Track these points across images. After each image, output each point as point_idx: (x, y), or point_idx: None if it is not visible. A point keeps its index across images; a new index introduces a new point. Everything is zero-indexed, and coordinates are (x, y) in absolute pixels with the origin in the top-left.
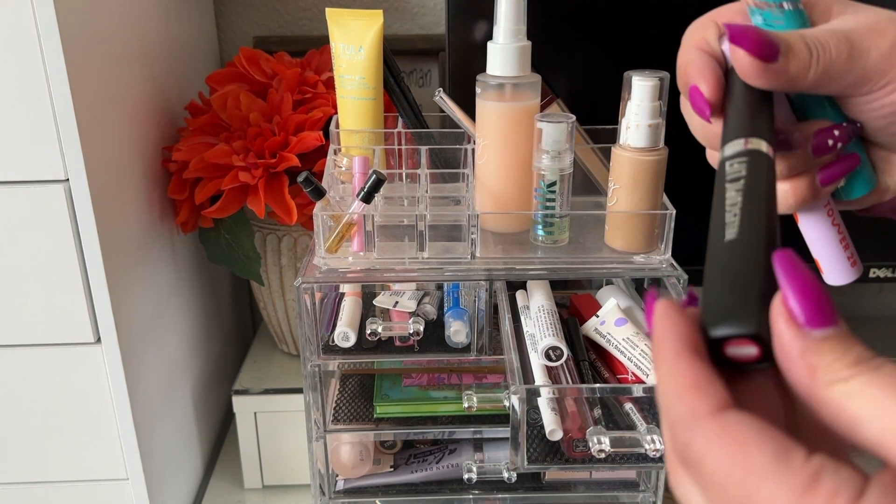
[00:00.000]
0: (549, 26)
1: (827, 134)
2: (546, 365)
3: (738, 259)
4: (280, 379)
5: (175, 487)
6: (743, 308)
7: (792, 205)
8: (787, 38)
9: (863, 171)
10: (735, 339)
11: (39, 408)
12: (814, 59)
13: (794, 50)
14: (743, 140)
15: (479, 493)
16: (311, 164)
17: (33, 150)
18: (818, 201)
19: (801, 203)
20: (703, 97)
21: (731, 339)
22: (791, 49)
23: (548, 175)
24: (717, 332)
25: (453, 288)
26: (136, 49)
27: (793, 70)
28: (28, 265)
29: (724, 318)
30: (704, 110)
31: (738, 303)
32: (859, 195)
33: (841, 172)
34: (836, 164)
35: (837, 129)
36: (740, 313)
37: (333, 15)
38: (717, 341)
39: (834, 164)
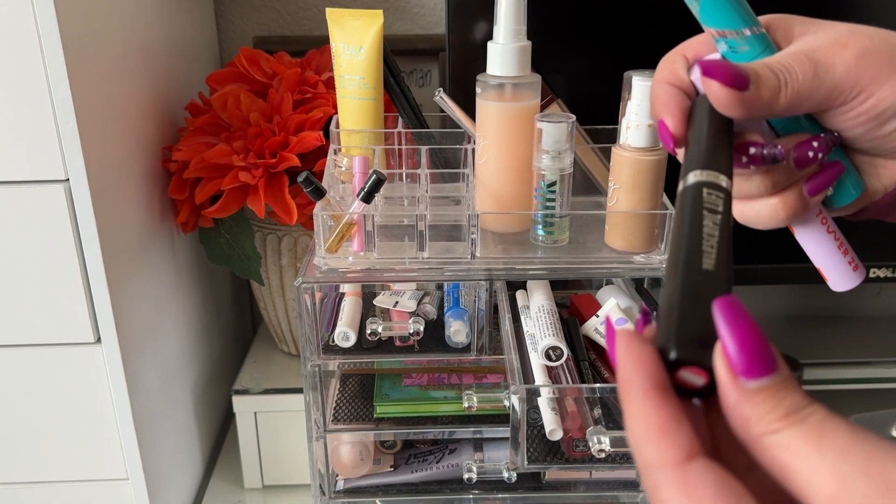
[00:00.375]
0: (549, 26)
1: (807, 146)
2: (546, 365)
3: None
4: (280, 379)
5: (175, 487)
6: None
7: (784, 218)
8: (754, 66)
9: (849, 177)
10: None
11: (39, 408)
12: (782, 84)
13: (762, 77)
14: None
15: (479, 492)
16: (311, 164)
17: (33, 150)
18: (809, 212)
19: (792, 215)
20: (668, 130)
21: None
22: (759, 77)
23: (548, 175)
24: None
25: (453, 288)
26: (137, 49)
27: (765, 96)
28: (28, 265)
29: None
30: (668, 142)
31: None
32: (849, 201)
33: (827, 181)
34: (821, 174)
35: (816, 140)
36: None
37: (333, 15)
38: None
39: (819, 175)
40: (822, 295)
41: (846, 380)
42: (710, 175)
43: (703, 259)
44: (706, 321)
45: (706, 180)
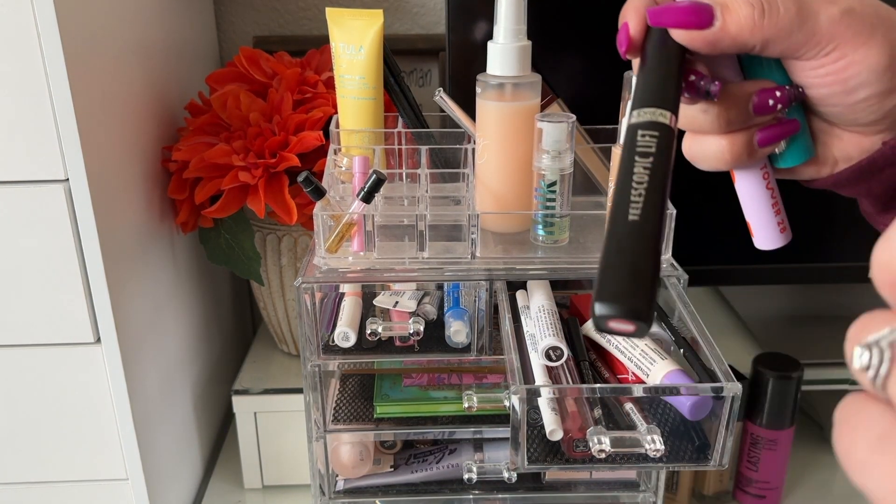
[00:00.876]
0: (549, 26)
1: (769, 94)
2: (546, 365)
3: (636, 242)
4: (280, 379)
5: (175, 487)
6: (635, 295)
7: (728, 160)
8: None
9: (801, 138)
10: (617, 319)
11: (39, 408)
12: (757, 14)
13: (730, 8)
14: (654, 110)
15: (479, 493)
16: (311, 163)
17: (33, 150)
18: (754, 161)
19: (736, 160)
20: (627, 34)
21: (613, 319)
22: (727, 8)
23: (548, 175)
24: (606, 311)
25: (453, 288)
26: (137, 49)
27: (733, 29)
28: (28, 265)
29: (617, 299)
30: (622, 46)
31: (630, 288)
32: (795, 163)
33: (779, 135)
34: (776, 126)
35: (780, 90)
36: (633, 299)
37: (333, 15)
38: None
39: (773, 127)
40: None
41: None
42: (648, 113)
43: (630, 210)
44: (631, 277)
45: (643, 120)
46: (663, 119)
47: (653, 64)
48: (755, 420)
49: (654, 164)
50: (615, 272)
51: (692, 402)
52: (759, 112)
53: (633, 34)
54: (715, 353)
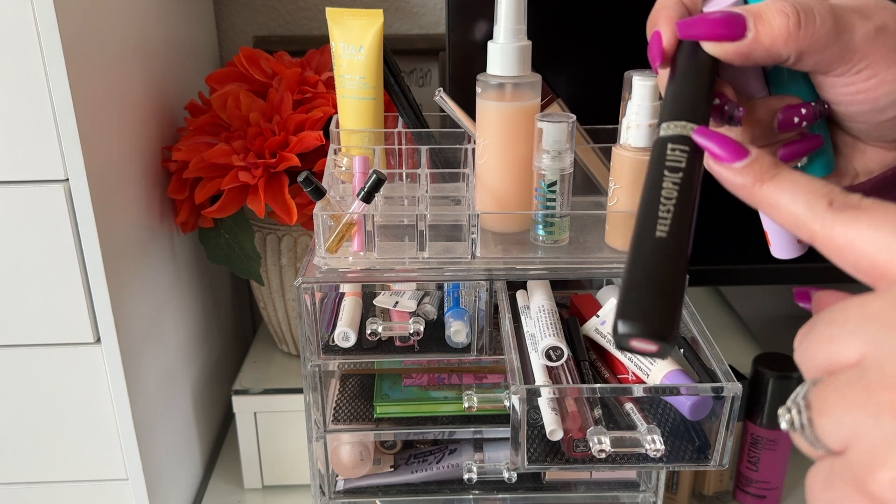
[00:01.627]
0: (549, 26)
1: (794, 111)
2: (546, 365)
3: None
4: (280, 379)
5: (175, 487)
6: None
7: None
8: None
9: (824, 153)
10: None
11: (39, 408)
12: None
13: (764, 19)
14: (685, 123)
15: (479, 493)
16: (311, 163)
17: (33, 150)
18: None
19: None
20: (660, 44)
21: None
22: (761, 19)
23: (548, 175)
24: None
25: (453, 288)
26: (136, 49)
27: (767, 40)
28: (28, 265)
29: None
30: (656, 59)
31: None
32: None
33: (803, 151)
34: (800, 142)
35: (805, 107)
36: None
37: (333, 14)
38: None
39: (797, 142)
40: None
41: None
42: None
43: (658, 226)
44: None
45: (673, 134)
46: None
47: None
48: (755, 420)
49: (683, 179)
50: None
51: (692, 402)
52: (784, 129)
53: (666, 46)
54: (715, 353)
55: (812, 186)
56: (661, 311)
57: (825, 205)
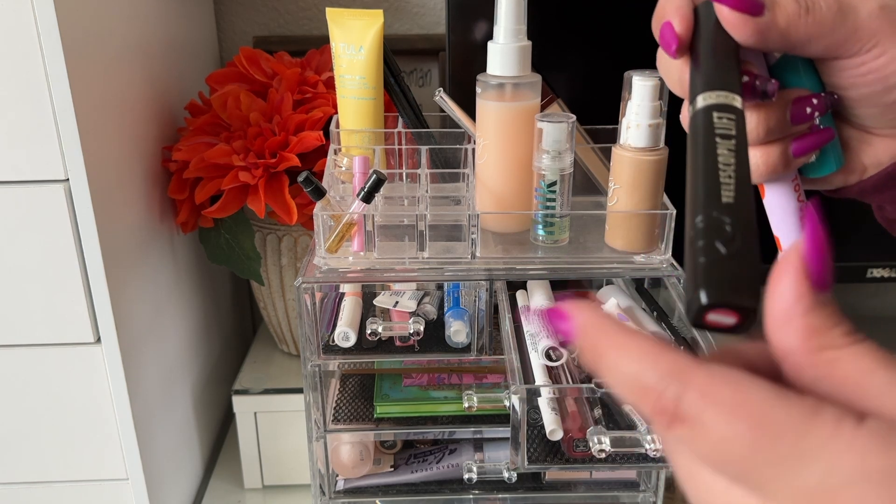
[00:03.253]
0: (549, 26)
1: (806, 102)
2: (546, 365)
3: (736, 225)
4: (280, 379)
5: (175, 487)
6: (744, 280)
7: (763, 173)
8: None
9: (834, 148)
10: (723, 308)
11: (39, 408)
12: (802, 10)
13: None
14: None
15: (479, 493)
16: (311, 163)
17: (33, 150)
18: (788, 172)
19: (771, 172)
20: (673, 32)
21: (720, 308)
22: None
23: (548, 175)
24: (713, 299)
25: (453, 288)
26: (136, 49)
27: (781, 22)
28: (28, 265)
29: (725, 285)
30: (671, 45)
31: (739, 275)
32: (827, 172)
33: (815, 144)
34: (811, 135)
35: (816, 98)
36: (742, 285)
37: (333, 15)
38: (707, 306)
39: (808, 136)
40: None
41: None
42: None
43: (723, 192)
44: (735, 260)
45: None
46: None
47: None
48: None
49: (737, 145)
50: (717, 255)
51: None
52: (797, 121)
53: (680, 32)
54: None
55: None
56: (745, 276)
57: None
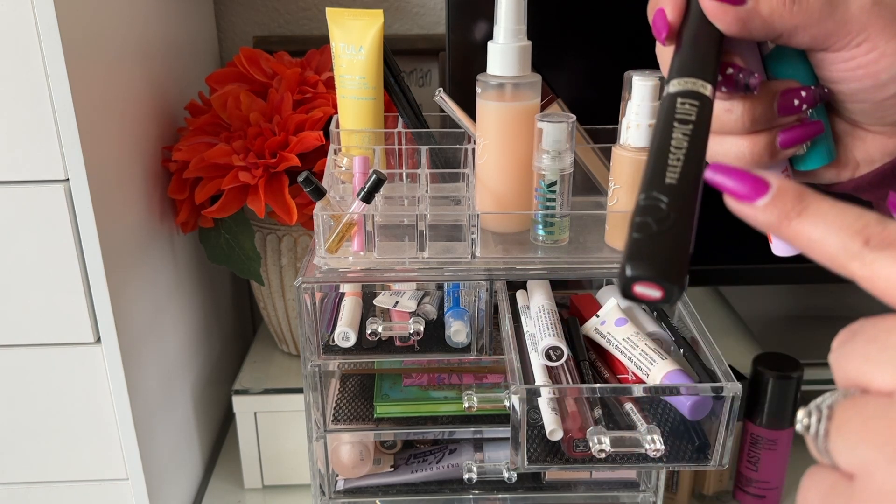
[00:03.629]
0: (549, 26)
1: (794, 94)
2: (546, 365)
3: (673, 204)
4: (280, 379)
5: (175, 487)
6: (668, 257)
7: (749, 161)
8: None
9: (824, 141)
10: (646, 282)
11: (39, 408)
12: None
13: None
14: (695, 80)
15: (479, 493)
16: (311, 163)
17: (33, 150)
18: (774, 163)
19: (757, 162)
20: (665, 20)
21: (643, 281)
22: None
23: (548, 175)
24: (636, 272)
25: (453, 288)
26: (136, 49)
27: (764, 11)
28: (28, 265)
29: (649, 260)
30: (662, 32)
31: (664, 250)
32: (817, 166)
33: (803, 136)
34: (799, 128)
35: (805, 90)
36: (666, 261)
37: (333, 15)
38: (630, 279)
39: (796, 128)
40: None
41: None
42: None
43: (668, 173)
44: (661, 237)
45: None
46: (704, 91)
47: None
48: (755, 420)
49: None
50: (647, 232)
51: (692, 402)
52: (784, 112)
53: (671, 19)
54: (715, 353)
55: (845, 220)
56: (670, 254)
57: (861, 243)
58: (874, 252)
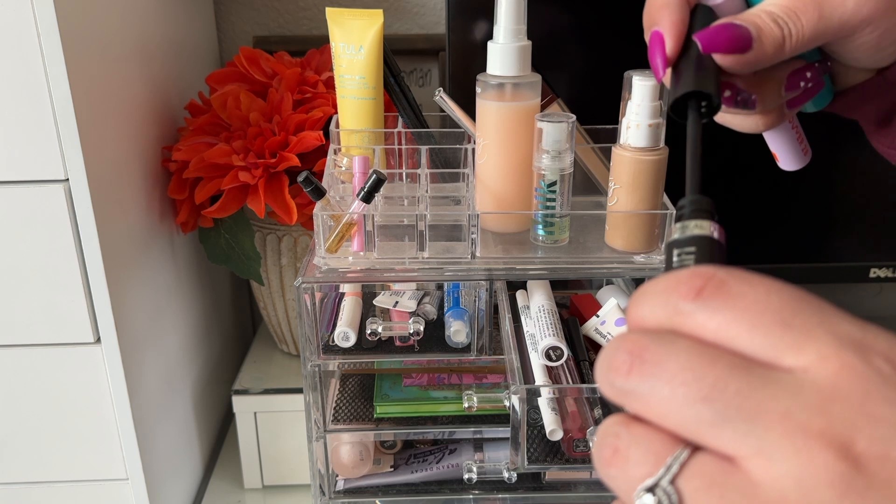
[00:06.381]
0: (549, 26)
1: (800, 76)
2: (546, 365)
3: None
4: (280, 379)
5: (175, 487)
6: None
7: (762, 129)
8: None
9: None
10: None
11: (39, 408)
12: (786, 35)
13: (764, 33)
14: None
15: (479, 493)
16: (311, 163)
17: (33, 150)
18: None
19: (767, 126)
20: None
21: None
22: (762, 32)
23: (548, 175)
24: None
25: (453, 288)
26: (136, 49)
27: (769, 51)
28: (28, 265)
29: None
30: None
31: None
32: (820, 107)
33: (806, 99)
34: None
35: (810, 70)
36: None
37: (333, 14)
38: None
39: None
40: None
41: None
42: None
43: None
44: None
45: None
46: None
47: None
48: None
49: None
50: None
51: None
52: (791, 91)
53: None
54: None
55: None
56: None
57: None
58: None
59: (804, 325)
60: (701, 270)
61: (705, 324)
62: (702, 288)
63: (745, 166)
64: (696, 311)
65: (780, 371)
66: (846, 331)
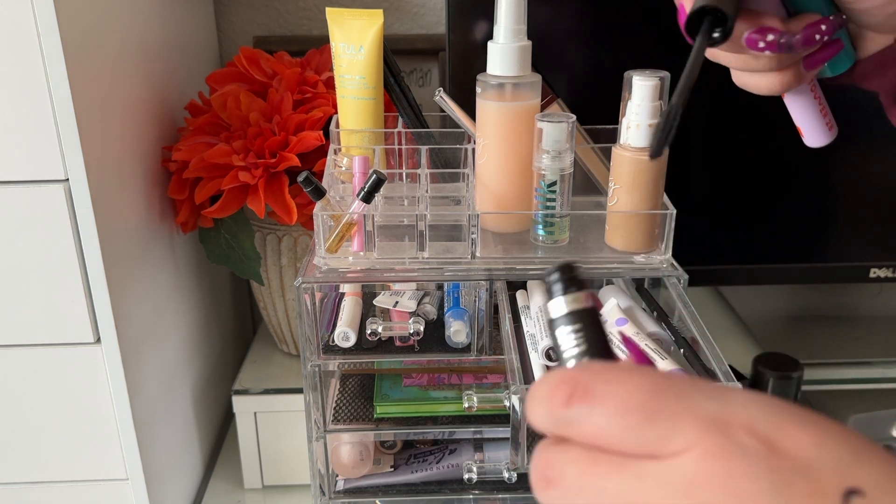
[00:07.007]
0: (549, 26)
1: (815, 28)
2: (546, 365)
3: None
4: (280, 379)
5: (175, 487)
6: None
7: (779, 89)
8: None
9: (844, 51)
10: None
11: (39, 408)
12: None
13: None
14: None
15: (479, 493)
16: (311, 163)
17: (33, 150)
18: (802, 83)
19: (786, 87)
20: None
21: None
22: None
23: (548, 175)
24: None
25: (453, 288)
26: (137, 49)
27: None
28: (28, 265)
29: None
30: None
31: None
32: (840, 72)
33: (825, 59)
34: (820, 51)
35: (825, 23)
36: None
37: (333, 14)
38: None
39: (818, 52)
40: (822, 295)
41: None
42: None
43: None
44: None
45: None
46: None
47: None
48: None
49: None
50: None
51: None
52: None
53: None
54: (715, 353)
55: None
56: None
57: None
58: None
59: (669, 415)
60: (569, 376)
61: (584, 430)
62: (571, 395)
63: (745, 166)
64: (572, 419)
65: (657, 461)
66: (708, 410)
